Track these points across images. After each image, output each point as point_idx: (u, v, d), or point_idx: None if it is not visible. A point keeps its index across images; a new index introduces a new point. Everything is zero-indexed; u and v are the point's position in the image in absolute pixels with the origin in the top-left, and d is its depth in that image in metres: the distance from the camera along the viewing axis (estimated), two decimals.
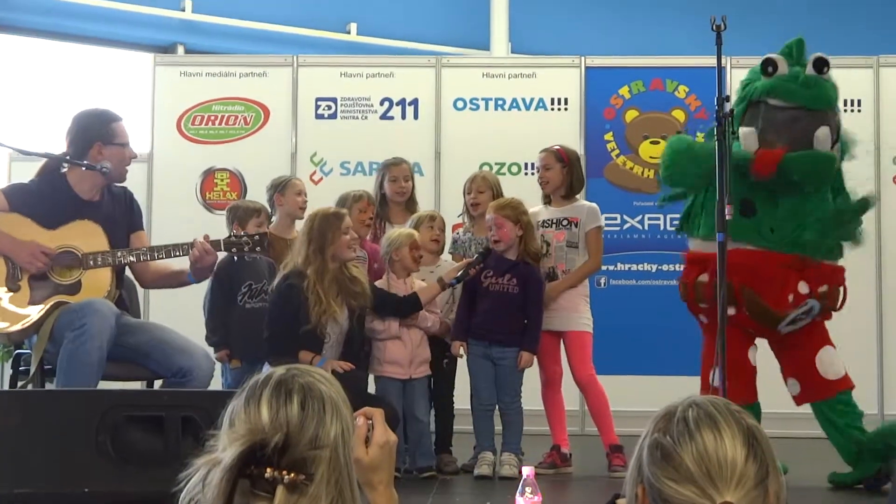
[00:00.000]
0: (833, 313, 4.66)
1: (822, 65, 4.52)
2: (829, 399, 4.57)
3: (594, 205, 5.25)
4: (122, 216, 4.27)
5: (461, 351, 4.96)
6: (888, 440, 4.46)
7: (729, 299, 4.33)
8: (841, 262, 4.68)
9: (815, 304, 4.49)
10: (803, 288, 4.49)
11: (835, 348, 4.63)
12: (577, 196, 5.25)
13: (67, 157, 4.15)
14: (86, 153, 4.13)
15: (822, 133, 4.45)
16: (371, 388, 4.89)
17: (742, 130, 4.46)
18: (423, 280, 4.99)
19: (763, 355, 4.72)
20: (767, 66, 4.54)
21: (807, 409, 4.72)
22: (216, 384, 4.82)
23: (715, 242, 4.08)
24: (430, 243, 5.13)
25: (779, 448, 1.47)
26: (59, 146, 4.25)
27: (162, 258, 4.18)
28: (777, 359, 4.71)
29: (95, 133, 4.16)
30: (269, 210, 5.31)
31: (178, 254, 4.13)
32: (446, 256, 5.37)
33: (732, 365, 4.43)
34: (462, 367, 5.05)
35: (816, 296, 4.51)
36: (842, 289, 4.60)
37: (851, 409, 4.58)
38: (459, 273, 4.86)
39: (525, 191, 5.50)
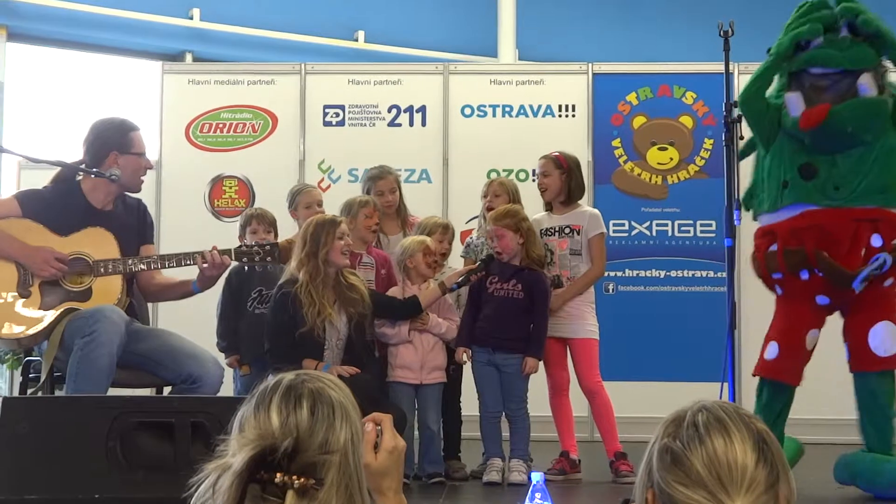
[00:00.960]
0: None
1: (854, 28, 4.53)
2: (874, 373, 4.41)
3: (596, 211, 5.25)
4: (134, 227, 4.27)
5: (465, 357, 4.94)
6: (853, 470, 4.37)
7: (801, 263, 4.39)
8: None
9: (886, 257, 4.34)
10: (876, 241, 4.37)
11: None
12: (580, 202, 5.23)
13: (82, 166, 4.15)
14: (101, 161, 4.13)
15: (865, 78, 4.42)
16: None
17: (787, 95, 4.50)
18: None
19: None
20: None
21: (816, 414, 4.66)
22: (228, 390, 4.83)
23: (781, 212, 4.38)
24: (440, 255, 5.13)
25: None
26: (74, 153, 4.24)
27: (172, 267, 4.17)
28: (844, 321, 4.57)
29: (113, 142, 4.16)
30: (294, 217, 5.30)
31: (188, 263, 4.13)
32: (455, 261, 5.36)
33: (787, 340, 4.44)
34: (469, 372, 5.04)
35: (889, 249, 4.37)
36: None
37: (890, 406, 4.42)
38: (461, 278, 4.85)
39: (533, 198, 5.49)
